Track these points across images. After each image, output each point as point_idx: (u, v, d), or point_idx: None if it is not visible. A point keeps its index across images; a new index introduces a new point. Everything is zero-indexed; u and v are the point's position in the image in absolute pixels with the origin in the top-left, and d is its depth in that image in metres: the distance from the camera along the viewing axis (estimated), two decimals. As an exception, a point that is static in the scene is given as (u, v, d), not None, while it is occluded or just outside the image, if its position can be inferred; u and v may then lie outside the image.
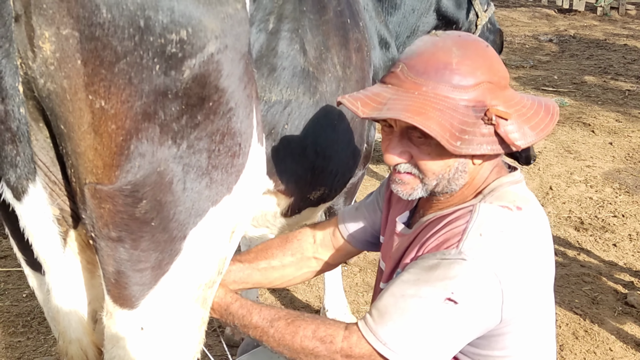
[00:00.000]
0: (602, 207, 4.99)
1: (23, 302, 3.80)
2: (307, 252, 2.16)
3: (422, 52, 1.62)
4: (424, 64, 1.60)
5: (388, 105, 1.60)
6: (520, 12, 12.43)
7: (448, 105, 1.56)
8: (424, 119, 1.54)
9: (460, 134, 1.55)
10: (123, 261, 1.48)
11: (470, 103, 1.57)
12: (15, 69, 1.24)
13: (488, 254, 1.55)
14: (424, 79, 1.59)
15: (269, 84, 2.01)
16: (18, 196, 1.35)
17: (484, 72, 1.59)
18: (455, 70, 1.57)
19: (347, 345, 1.61)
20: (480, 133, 1.57)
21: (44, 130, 1.38)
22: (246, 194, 1.66)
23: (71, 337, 1.62)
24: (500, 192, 1.68)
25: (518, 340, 1.66)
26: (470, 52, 1.61)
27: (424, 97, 1.57)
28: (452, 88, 1.57)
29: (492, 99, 1.58)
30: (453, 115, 1.55)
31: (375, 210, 2.11)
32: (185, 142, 1.43)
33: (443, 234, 1.64)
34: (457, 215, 1.67)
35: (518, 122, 1.59)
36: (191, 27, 1.32)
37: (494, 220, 1.61)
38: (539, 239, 1.66)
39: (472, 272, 1.54)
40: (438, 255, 1.59)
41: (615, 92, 7.76)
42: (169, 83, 1.34)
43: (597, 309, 3.76)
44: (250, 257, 2.11)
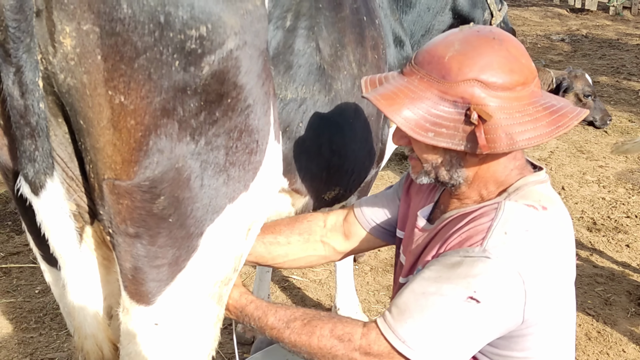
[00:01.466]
0: (615, 207, 4.97)
1: (35, 298, 3.81)
2: (315, 234, 2.14)
3: (431, 43, 1.68)
4: (424, 54, 1.65)
5: (379, 87, 1.67)
6: (532, 12, 12.38)
7: (427, 96, 1.60)
8: (389, 104, 1.60)
9: (433, 126, 1.59)
10: (140, 257, 1.48)
11: (453, 98, 1.59)
12: (35, 63, 1.24)
13: (513, 253, 1.54)
14: (418, 67, 1.65)
15: (285, 81, 2.00)
16: (36, 191, 1.36)
17: (477, 70, 1.57)
18: (445, 64, 1.60)
19: (365, 342, 1.60)
20: (462, 129, 1.58)
21: (63, 125, 1.38)
22: (263, 192, 1.66)
23: (87, 332, 1.62)
24: (526, 191, 1.67)
25: (539, 342, 1.64)
26: (471, 48, 1.60)
27: (408, 85, 1.63)
28: (437, 80, 1.60)
29: (481, 98, 1.57)
30: (429, 107, 1.59)
31: (395, 200, 2.10)
32: (203, 139, 1.43)
33: (466, 230, 1.63)
34: (481, 212, 1.66)
35: (503, 125, 1.57)
36: (211, 23, 1.31)
37: (519, 219, 1.59)
38: (563, 240, 1.64)
39: (495, 271, 1.53)
40: (461, 253, 1.58)
41: (628, 92, 7.72)
42: (188, 79, 1.34)
43: (610, 310, 3.74)
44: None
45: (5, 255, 4.23)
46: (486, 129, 1.57)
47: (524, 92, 1.61)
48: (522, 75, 1.61)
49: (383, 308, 3.79)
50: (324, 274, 4.11)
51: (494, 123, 1.56)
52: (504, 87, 1.58)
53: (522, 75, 1.61)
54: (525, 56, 1.64)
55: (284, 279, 4.06)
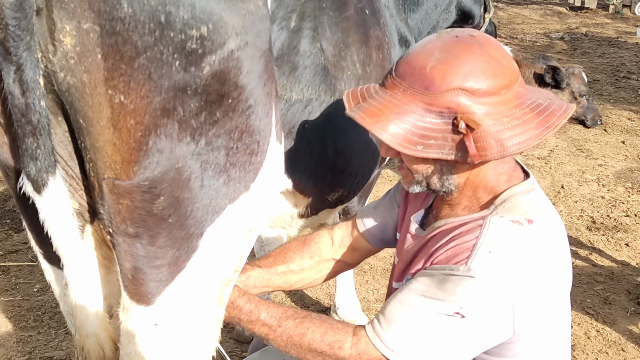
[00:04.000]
0: (615, 206, 4.97)
1: (34, 296, 3.81)
2: (325, 254, 2.15)
3: (409, 53, 1.65)
4: (404, 65, 1.63)
5: (362, 103, 1.65)
6: (532, 10, 12.38)
7: (412, 109, 1.59)
8: (375, 121, 1.59)
9: (422, 139, 1.57)
10: (140, 257, 1.48)
11: (438, 109, 1.57)
12: (36, 62, 1.23)
13: (497, 273, 1.54)
14: (400, 80, 1.62)
15: (290, 82, 2.00)
16: (38, 189, 1.35)
17: (460, 78, 1.55)
18: (427, 75, 1.57)
19: (355, 352, 1.61)
20: (451, 139, 1.57)
21: (63, 124, 1.38)
22: (264, 193, 1.65)
23: (88, 331, 1.61)
24: (512, 202, 1.65)
25: (529, 348, 1.65)
26: (452, 56, 1.57)
27: (390, 99, 1.61)
28: (421, 93, 1.58)
29: (467, 106, 1.55)
30: (415, 119, 1.58)
31: (393, 207, 2.10)
32: (203, 139, 1.42)
33: (452, 247, 1.63)
34: (467, 228, 1.65)
35: (492, 132, 1.55)
36: (212, 23, 1.31)
37: (503, 237, 1.59)
38: (552, 251, 1.63)
39: (481, 291, 1.53)
40: (447, 270, 1.58)
41: (627, 91, 7.72)
42: (188, 79, 1.33)
43: (609, 309, 3.74)
44: (269, 261, 2.10)
45: (4, 254, 4.22)
46: (475, 137, 1.55)
47: (510, 95, 1.59)
48: (506, 77, 1.59)
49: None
50: (323, 273, 4.10)
51: (483, 130, 1.55)
52: (489, 92, 1.56)
53: (506, 78, 1.59)
54: (507, 57, 1.62)
55: (283, 278, 4.05)
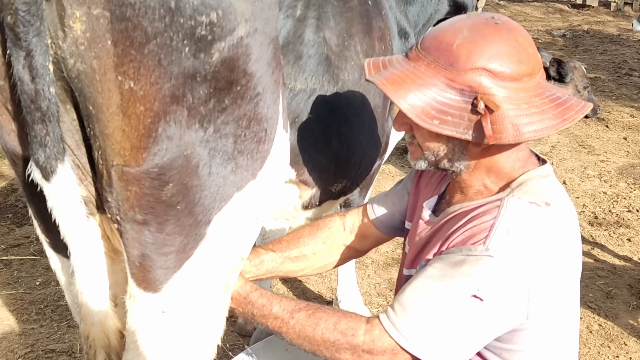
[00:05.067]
0: (616, 201, 4.97)
1: (36, 289, 3.81)
2: (337, 239, 2.15)
3: (437, 29, 1.66)
4: (431, 40, 1.63)
5: (383, 71, 1.65)
6: (534, 7, 12.37)
7: (433, 83, 1.59)
8: (395, 89, 1.59)
9: (439, 114, 1.57)
10: (148, 244, 1.48)
11: (460, 86, 1.57)
12: (45, 48, 1.23)
13: (515, 252, 1.54)
14: (425, 53, 1.62)
15: (295, 71, 1.99)
16: (47, 176, 1.35)
17: (486, 59, 1.56)
18: (453, 51, 1.58)
19: (369, 339, 1.60)
20: (468, 118, 1.57)
21: (71, 112, 1.38)
22: (270, 181, 1.66)
23: (93, 320, 1.61)
24: (529, 186, 1.66)
25: (538, 337, 1.64)
26: (480, 36, 1.58)
27: (414, 70, 1.61)
28: (444, 68, 1.58)
29: (488, 88, 1.56)
30: (436, 93, 1.58)
31: (404, 195, 2.10)
32: (212, 126, 1.42)
33: (469, 228, 1.62)
34: (484, 209, 1.65)
35: (510, 116, 1.55)
36: (221, 9, 1.31)
37: (522, 217, 1.59)
38: (567, 236, 1.64)
39: (499, 270, 1.53)
40: (464, 251, 1.58)
41: (629, 88, 7.72)
42: (197, 66, 1.33)
43: (611, 304, 3.75)
44: (282, 245, 2.11)
45: (6, 248, 4.22)
46: (492, 119, 1.55)
47: (531, 83, 1.59)
48: (530, 65, 1.59)
49: (384, 301, 3.79)
50: (326, 267, 4.11)
51: (501, 113, 1.55)
52: (512, 77, 1.57)
53: (530, 66, 1.59)
54: (533, 46, 1.62)
55: (286, 272, 4.06)
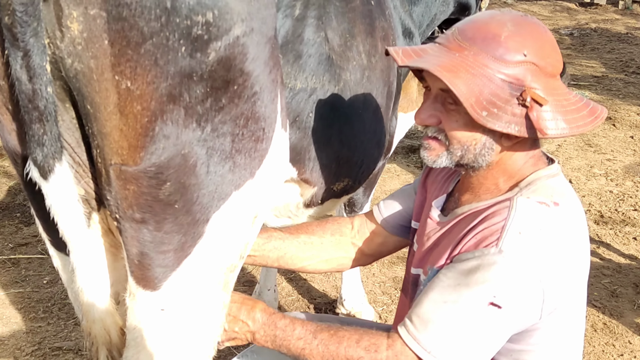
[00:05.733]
0: (623, 200, 4.96)
1: (44, 288, 3.84)
2: (346, 235, 2.16)
3: (477, 20, 1.64)
4: (474, 30, 1.61)
5: (425, 58, 1.61)
6: (541, 6, 12.34)
7: (484, 73, 1.56)
8: (452, 77, 1.54)
9: (489, 105, 1.54)
10: (146, 243, 1.49)
11: (508, 78, 1.56)
12: (43, 48, 1.25)
13: (528, 253, 1.53)
14: (469, 43, 1.60)
15: (295, 70, 2.00)
16: (44, 175, 1.37)
17: (532, 52, 1.57)
18: (502, 42, 1.57)
19: (392, 353, 1.60)
20: (512, 112, 1.56)
21: (70, 111, 1.39)
22: (269, 180, 1.66)
23: (95, 317, 1.63)
24: (537, 185, 1.66)
25: (548, 337, 1.64)
26: (524, 30, 1.59)
27: (462, 59, 1.58)
28: (493, 59, 1.57)
29: (533, 82, 1.56)
30: (486, 84, 1.55)
31: (412, 195, 2.10)
32: (209, 125, 1.43)
33: (480, 230, 1.62)
34: (494, 210, 1.64)
35: (553, 111, 1.56)
36: (217, 9, 1.32)
37: (532, 218, 1.58)
38: (576, 235, 1.63)
39: (513, 272, 1.52)
40: (477, 254, 1.57)
41: (636, 86, 7.69)
42: (194, 65, 1.34)
43: (616, 302, 3.74)
44: (292, 229, 2.13)
45: (14, 246, 4.25)
46: (538, 113, 1.56)
47: (560, 82, 1.63)
48: (561, 64, 1.63)
49: (389, 299, 3.79)
50: (331, 266, 4.12)
51: (546, 108, 1.56)
52: (552, 73, 1.60)
53: (561, 65, 1.63)
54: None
55: (290, 271, 4.06)
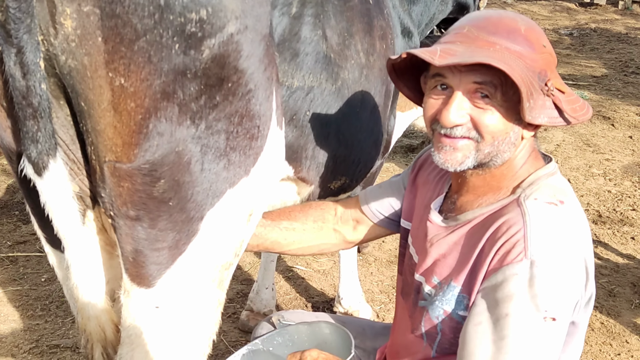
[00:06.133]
0: (621, 200, 4.96)
1: (42, 286, 3.84)
2: (328, 222, 2.15)
3: (489, 17, 1.63)
4: (495, 26, 1.60)
5: (468, 54, 1.56)
6: (541, 6, 12.34)
7: (523, 65, 1.55)
8: (511, 68, 1.52)
9: (529, 95, 1.53)
10: (141, 240, 1.49)
11: (537, 69, 1.57)
12: (36, 44, 1.25)
13: (557, 255, 1.52)
14: (496, 38, 1.58)
15: (292, 69, 2.00)
16: (39, 171, 1.37)
17: (546, 44, 1.61)
18: (524, 34, 1.58)
19: None
20: (541, 102, 1.56)
21: (65, 108, 1.40)
22: (264, 177, 1.67)
23: (90, 314, 1.63)
24: (539, 185, 1.65)
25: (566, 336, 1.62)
26: (533, 25, 1.64)
27: (502, 53, 1.56)
28: (524, 52, 1.57)
29: (552, 72, 1.60)
30: (527, 75, 1.55)
31: (400, 189, 2.08)
32: (203, 123, 1.43)
33: (501, 245, 1.57)
34: (505, 218, 1.60)
35: (566, 99, 1.59)
36: (211, 6, 1.32)
37: (548, 219, 1.56)
38: (586, 229, 1.63)
39: (551, 278, 1.50)
40: (508, 273, 1.53)
41: (635, 86, 7.69)
42: (188, 62, 1.34)
43: (613, 302, 3.74)
44: (273, 215, 2.12)
45: (12, 244, 4.26)
46: (562, 101, 1.59)
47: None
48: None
49: (387, 298, 3.80)
50: (328, 264, 4.12)
51: (565, 96, 1.59)
52: (556, 65, 1.66)
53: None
54: None
55: (288, 269, 4.08)
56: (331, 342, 1.98)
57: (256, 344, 2.09)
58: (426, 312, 1.77)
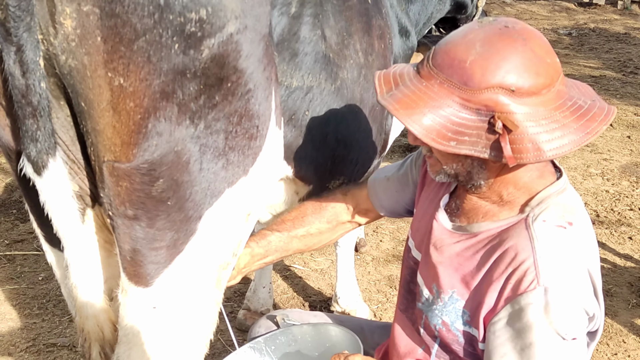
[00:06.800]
0: (619, 200, 4.96)
1: (39, 285, 3.84)
2: (342, 218, 2.19)
3: (449, 42, 1.56)
4: (443, 55, 1.54)
5: (395, 91, 1.57)
6: (540, 5, 12.34)
7: (447, 104, 1.50)
8: (408, 113, 1.50)
9: (455, 134, 1.49)
10: (139, 239, 1.50)
11: (475, 106, 1.49)
12: (36, 43, 1.25)
13: (568, 278, 1.51)
14: (437, 70, 1.53)
15: (291, 68, 2.00)
16: (38, 171, 1.37)
17: (501, 76, 1.47)
18: (467, 69, 1.49)
19: None
20: (486, 137, 1.49)
21: (65, 108, 1.40)
22: (263, 177, 1.67)
23: (88, 313, 1.63)
24: (548, 203, 1.61)
25: None
26: (494, 51, 1.49)
27: (426, 90, 1.53)
28: (458, 87, 1.50)
29: (505, 105, 1.48)
30: (451, 114, 1.50)
31: (408, 183, 2.07)
32: (202, 123, 1.44)
33: (511, 273, 1.55)
34: (513, 242, 1.58)
35: (530, 134, 1.48)
36: (211, 6, 1.32)
37: (556, 244, 1.55)
38: (593, 248, 1.62)
39: (564, 300, 1.50)
40: (523, 302, 1.52)
41: (634, 86, 7.69)
42: (187, 62, 1.34)
43: (611, 301, 3.75)
44: (287, 226, 2.14)
45: (10, 243, 4.25)
46: (512, 138, 1.48)
47: (550, 95, 1.52)
48: (548, 76, 1.52)
49: (384, 297, 3.80)
50: (326, 264, 4.12)
51: (520, 132, 1.47)
52: (530, 92, 1.49)
53: (548, 77, 1.52)
54: (550, 53, 1.55)
55: (285, 268, 4.08)
56: (339, 346, 1.97)
57: (258, 342, 2.09)
58: (425, 316, 1.78)
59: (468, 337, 1.68)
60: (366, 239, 4.33)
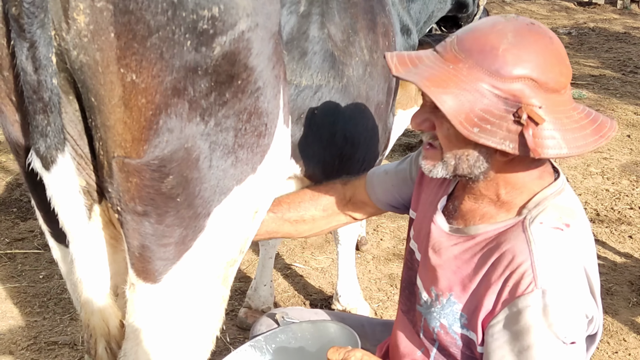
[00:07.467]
0: (619, 199, 4.97)
1: (40, 283, 3.83)
2: (337, 208, 2.18)
3: (477, 29, 1.56)
4: (472, 41, 1.53)
5: (418, 69, 1.55)
6: (539, 5, 12.35)
7: (477, 88, 1.49)
8: (440, 92, 1.49)
9: (480, 121, 1.48)
10: (148, 235, 1.50)
11: (503, 94, 1.48)
12: (49, 39, 1.25)
13: (565, 280, 1.51)
14: (465, 55, 1.52)
15: (300, 67, 2.00)
16: (47, 166, 1.37)
17: (531, 67, 1.48)
18: (499, 56, 1.48)
19: None
20: (507, 128, 1.48)
21: (74, 103, 1.40)
22: (270, 175, 1.67)
23: (93, 308, 1.63)
24: (545, 205, 1.60)
25: None
26: (526, 42, 1.50)
27: (455, 72, 1.51)
28: (488, 73, 1.49)
29: (531, 98, 1.48)
30: (478, 100, 1.48)
31: (406, 180, 2.07)
32: (212, 120, 1.44)
33: (508, 276, 1.55)
34: (511, 245, 1.58)
35: (552, 129, 1.48)
36: (223, 4, 1.33)
37: (553, 246, 1.54)
38: (591, 250, 1.62)
39: (563, 303, 1.50)
40: (521, 305, 1.52)
41: (634, 86, 7.71)
42: (199, 59, 1.35)
43: (611, 300, 3.76)
44: (283, 208, 2.14)
45: (10, 241, 4.25)
46: (534, 132, 1.47)
47: (566, 96, 1.53)
48: (568, 78, 1.54)
49: (384, 296, 3.80)
50: (326, 262, 4.13)
51: (544, 126, 1.47)
52: (554, 89, 1.50)
53: (568, 79, 1.53)
54: (567, 57, 1.57)
55: (286, 267, 4.08)
56: (337, 342, 1.98)
57: (259, 341, 2.09)
58: (424, 319, 1.78)
59: (466, 340, 1.68)
60: (367, 237, 4.34)
